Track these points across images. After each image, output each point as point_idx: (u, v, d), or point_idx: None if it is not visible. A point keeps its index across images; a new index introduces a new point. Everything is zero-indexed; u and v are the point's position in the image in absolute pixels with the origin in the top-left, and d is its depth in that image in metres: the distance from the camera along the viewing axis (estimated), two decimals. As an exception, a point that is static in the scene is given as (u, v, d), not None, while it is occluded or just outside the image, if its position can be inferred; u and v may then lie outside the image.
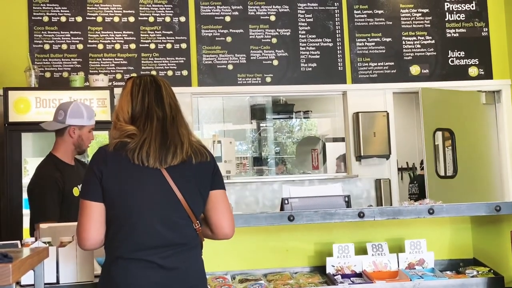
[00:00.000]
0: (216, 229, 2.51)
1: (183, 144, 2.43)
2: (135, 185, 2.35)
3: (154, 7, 6.13)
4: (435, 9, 6.56)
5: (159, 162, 2.37)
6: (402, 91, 6.55)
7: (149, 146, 2.37)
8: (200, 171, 2.46)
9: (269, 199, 6.18)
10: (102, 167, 2.33)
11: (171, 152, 2.40)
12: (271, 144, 8.72)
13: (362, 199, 6.22)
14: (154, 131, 2.41)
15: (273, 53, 6.29)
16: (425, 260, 3.20)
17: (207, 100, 6.88)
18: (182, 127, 2.50)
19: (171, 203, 2.38)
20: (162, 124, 2.44)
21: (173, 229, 2.38)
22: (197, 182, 2.45)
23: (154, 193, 2.37)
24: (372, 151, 6.24)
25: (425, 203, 3.39)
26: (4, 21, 5.81)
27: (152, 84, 2.53)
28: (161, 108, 2.48)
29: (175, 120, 2.49)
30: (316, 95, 6.99)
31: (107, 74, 5.84)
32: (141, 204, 2.35)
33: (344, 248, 3.16)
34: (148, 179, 2.37)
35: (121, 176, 2.35)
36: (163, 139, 2.41)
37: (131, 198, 2.34)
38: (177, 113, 2.53)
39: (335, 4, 6.43)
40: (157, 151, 2.38)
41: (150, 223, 2.34)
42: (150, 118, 2.45)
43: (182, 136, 2.46)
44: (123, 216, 2.34)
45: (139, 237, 2.33)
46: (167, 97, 2.53)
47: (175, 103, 2.55)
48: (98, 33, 6.01)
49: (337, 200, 3.36)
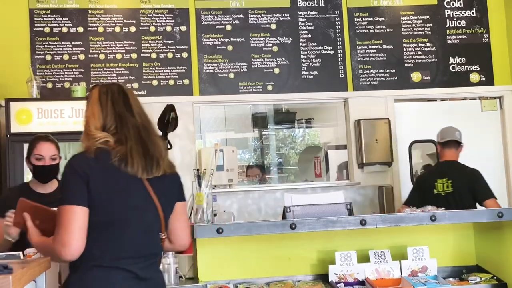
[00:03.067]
0: (176, 239, 2.53)
1: (163, 156, 2.47)
2: (120, 193, 2.34)
3: (155, 17, 6.15)
4: (436, 16, 6.57)
5: (146, 173, 2.38)
6: (403, 98, 6.55)
7: (136, 155, 2.38)
8: (172, 183, 2.51)
9: (271, 207, 6.17)
10: (88, 171, 2.30)
11: (155, 163, 2.42)
12: (274, 152, 8.71)
13: (364, 207, 6.20)
14: (134, 140, 2.41)
15: (274, 61, 6.30)
16: (428, 267, 3.19)
17: (209, 109, 6.88)
18: (157, 137, 2.52)
19: (151, 213, 2.40)
20: (137, 133, 2.44)
21: (152, 239, 2.41)
22: (170, 194, 2.49)
23: (138, 202, 2.37)
24: (374, 158, 6.23)
25: (427, 210, 3.39)
26: (6, 32, 5.83)
27: (120, 93, 2.51)
28: (133, 116, 2.48)
29: (148, 129, 2.49)
30: (318, 102, 6.99)
31: (108, 84, 5.83)
32: (125, 212, 2.34)
33: (346, 256, 3.15)
34: (132, 188, 2.37)
35: (107, 182, 2.33)
36: (144, 149, 2.41)
37: (116, 205, 2.33)
38: (148, 122, 2.52)
39: (336, 12, 6.44)
40: (143, 161, 2.38)
41: (133, 232, 2.34)
42: (126, 126, 2.43)
43: (159, 147, 2.48)
44: (106, 223, 2.31)
45: (122, 246, 2.31)
46: (136, 106, 2.51)
47: (144, 112, 2.54)
48: (99, 43, 6.03)
49: (339, 207, 3.36)
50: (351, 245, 3.24)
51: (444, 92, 6.57)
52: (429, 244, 3.24)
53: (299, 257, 3.26)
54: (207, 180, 3.31)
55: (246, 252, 3.21)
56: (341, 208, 3.36)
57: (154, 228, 2.42)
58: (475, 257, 3.39)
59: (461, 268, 3.33)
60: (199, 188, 3.31)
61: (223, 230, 2.96)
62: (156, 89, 6.06)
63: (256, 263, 3.22)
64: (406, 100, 6.59)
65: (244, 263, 3.21)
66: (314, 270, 3.25)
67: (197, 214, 3.29)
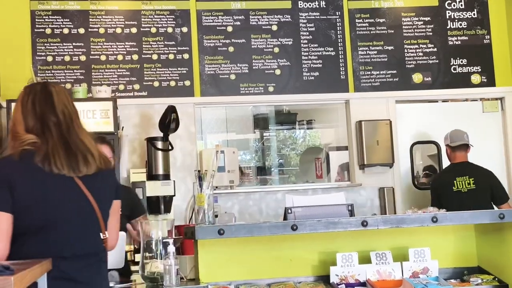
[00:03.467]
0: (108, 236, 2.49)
1: (92, 153, 2.41)
2: (49, 194, 2.31)
3: (156, 18, 6.15)
4: (437, 17, 6.57)
5: (72, 171, 2.34)
6: (404, 99, 6.55)
7: (58, 154, 2.34)
8: (108, 180, 2.48)
9: (272, 208, 6.16)
10: (10, 176, 2.26)
11: (81, 160, 2.37)
12: (275, 153, 8.71)
13: (365, 208, 6.20)
14: (55, 138, 2.38)
15: (275, 62, 6.30)
16: (429, 269, 3.19)
17: (210, 110, 6.88)
18: (83, 134, 2.46)
19: (86, 212, 2.36)
20: (58, 131, 2.40)
21: (89, 238, 2.37)
22: (107, 191, 2.46)
23: (69, 202, 2.34)
24: (376, 159, 6.23)
25: (429, 211, 3.39)
26: (8, 33, 5.83)
27: (42, 92, 2.47)
28: (54, 115, 2.43)
29: (70, 127, 2.44)
30: (319, 104, 6.98)
31: (110, 85, 5.84)
32: (56, 213, 2.31)
33: (347, 257, 3.15)
34: (62, 188, 2.33)
35: (33, 185, 2.29)
36: (66, 146, 2.37)
37: (45, 206, 2.29)
38: (72, 120, 2.47)
39: (337, 13, 6.44)
40: (67, 159, 2.34)
41: (65, 232, 2.31)
42: (46, 125, 2.40)
43: (87, 144, 2.43)
44: (35, 226, 2.28)
45: (55, 248, 2.28)
46: (60, 103, 2.46)
47: (70, 109, 2.48)
48: (100, 44, 6.03)
49: (340, 209, 3.36)
50: (352, 246, 3.24)
51: (446, 94, 6.57)
52: (431, 245, 3.24)
53: (300, 258, 3.26)
54: (208, 181, 3.30)
55: (247, 253, 3.21)
56: (342, 209, 3.36)
57: (90, 227, 2.38)
58: (476, 258, 3.39)
59: (463, 269, 3.33)
60: (200, 189, 3.30)
61: (224, 231, 2.96)
62: (157, 90, 6.07)
63: (257, 264, 3.22)
64: (408, 102, 6.59)
65: (245, 264, 3.21)
66: (315, 271, 3.25)
67: (198, 215, 3.29)
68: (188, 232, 3.15)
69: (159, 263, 3.05)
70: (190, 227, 3.19)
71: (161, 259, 3.08)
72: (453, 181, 5.45)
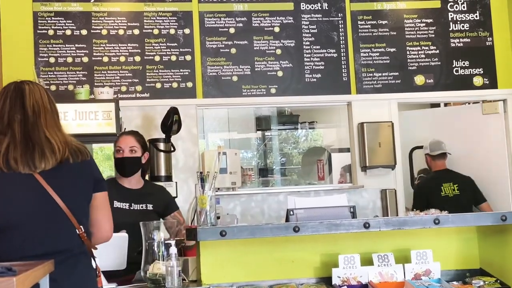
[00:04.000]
0: (97, 231, 2.50)
1: (52, 146, 2.37)
2: (5, 193, 2.30)
3: (158, 20, 6.16)
4: (439, 19, 6.57)
5: (28, 167, 2.32)
6: (407, 101, 6.55)
7: (14, 151, 2.32)
8: (81, 171, 2.43)
9: (274, 210, 6.17)
10: None
11: (38, 155, 2.34)
12: (277, 154, 8.72)
13: (368, 210, 6.20)
14: (16, 135, 2.37)
15: (278, 64, 6.30)
16: (431, 271, 3.19)
17: (212, 110, 6.89)
18: (50, 128, 2.43)
19: (48, 209, 2.33)
20: (22, 127, 2.39)
21: (56, 235, 2.33)
22: (78, 183, 2.42)
23: (28, 200, 2.32)
24: (378, 161, 6.23)
25: (431, 213, 3.39)
26: (10, 34, 5.84)
27: (15, 90, 2.49)
28: (22, 111, 2.43)
29: (37, 121, 2.42)
30: (321, 105, 6.99)
31: (112, 86, 5.85)
32: (14, 212, 2.30)
33: (350, 259, 3.15)
34: (20, 186, 2.32)
35: None
36: (25, 142, 2.36)
37: (3, 207, 2.29)
38: (41, 114, 2.45)
39: (339, 15, 6.44)
40: (23, 155, 2.32)
41: (28, 231, 2.29)
42: (10, 122, 2.40)
43: (50, 138, 2.39)
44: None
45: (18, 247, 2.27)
46: (30, 99, 2.46)
47: (40, 105, 2.47)
48: (103, 46, 6.04)
49: (342, 210, 3.36)
50: (354, 248, 3.24)
51: (448, 96, 6.57)
52: (433, 247, 3.23)
53: (302, 260, 3.26)
54: (210, 183, 3.30)
55: (249, 255, 3.21)
56: (345, 211, 3.36)
57: (56, 224, 2.35)
58: (478, 260, 3.39)
59: (465, 271, 3.33)
60: (202, 190, 3.30)
61: (226, 233, 2.96)
62: (159, 92, 6.07)
63: (259, 265, 3.22)
64: (410, 104, 6.60)
65: (247, 265, 3.21)
66: (317, 273, 3.25)
67: (200, 216, 3.28)
68: (190, 234, 3.16)
69: (161, 264, 3.06)
70: (192, 228, 3.19)
71: (163, 260, 3.08)
72: (440, 187, 6.13)
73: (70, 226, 2.37)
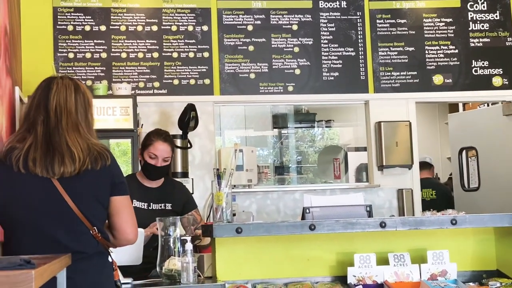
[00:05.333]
0: (119, 234, 2.47)
1: (72, 154, 2.34)
2: (18, 194, 2.31)
3: (177, 16, 6.17)
4: (459, 18, 6.52)
5: (46, 171, 2.31)
6: (425, 100, 6.52)
7: (34, 153, 2.31)
8: (97, 178, 2.40)
9: (290, 208, 6.16)
10: None
11: (57, 161, 2.32)
12: (293, 152, 8.71)
13: (384, 209, 6.18)
14: (38, 136, 2.35)
15: (295, 62, 6.29)
16: (447, 271, 3.17)
17: (229, 107, 6.90)
18: (71, 133, 2.39)
19: (62, 211, 2.32)
20: (44, 129, 2.37)
21: (67, 236, 2.34)
22: (94, 189, 2.39)
23: (41, 202, 2.31)
24: (395, 160, 6.20)
25: (448, 213, 3.37)
26: (30, 29, 5.87)
27: (44, 88, 2.45)
28: (44, 113, 2.40)
29: (58, 125, 2.39)
30: (338, 104, 6.98)
31: (130, 82, 5.88)
32: (26, 213, 2.30)
33: (365, 258, 3.14)
34: (34, 188, 2.31)
35: (6, 184, 2.31)
36: (46, 147, 2.34)
37: (14, 207, 2.30)
38: (63, 117, 2.40)
39: (358, 13, 6.42)
40: (42, 158, 2.31)
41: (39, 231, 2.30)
42: (34, 123, 2.38)
43: (71, 145, 2.36)
44: (9, 225, 2.31)
45: (30, 246, 2.28)
46: (54, 101, 2.41)
47: (63, 107, 2.42)
48: (121, 42, 6.06)
49: (358, 209, 3.35)
50: (370, 247, 3.23)
51: (466, 96, 6.52)
52: (449, 248, 3.22)
53: (317, 258, 3.25)
54: (227, 180, 3.31)
55: (264, 253, 3.22)
56: (361, 210, 3.34)
57: (71, 226, 2.34)
58: (495, 261, 3.36)
59: (481, 272, 3.31)
60: (218, 187, 3.30)
61: (242, 230, 2.97)
62: (177, 88, 6.09)
63: (275, 263, 3.22)
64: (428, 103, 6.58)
65: (263, 263, 3.21)
66: (332, 271, 3.24)
67: (216, 213, 3.29)
68: (206, 230, 3.16)
69: (177, 260, 3.06)
70: (208, 225, 3.20)
71: (179, 256, 3.09)
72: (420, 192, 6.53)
73: (84, 228, 2.37)
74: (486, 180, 6.78)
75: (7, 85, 4.81)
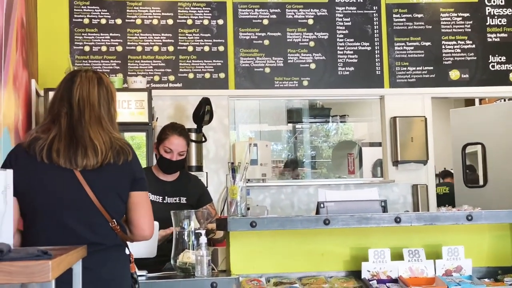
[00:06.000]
0: (135, 229, 2.48)
1: (95, 147, 2.37)
2: (41, 184, 2.33)
3: (192, 10, 6.18)
4: (476, 13, 6.47)
5: (69, 163, 2.33)
6: (441, 96, 6.49)
7: (58, 144, 2.34)
8: (118, 172, 2.42)
9: (304, 203, 6.16)
10: (13, 162, 2.33)
11: (81, 153, 2.35)
12: (307, 147, 8.70)
13: (398, 205, 6.16)
14: (62, 128, 2.38)
15: (311, 56, 6.28)
16: (462, 267, 3.16)
17: (243, 101, 6.90)
18: (93, 126, 2.42)
19: (82, 203, 2.34)
20: (68, 121, 2.40)
21: (86, 227, 2.35)
22: (114, 183, 2.41)
23: (62, 193, 2.34)
24: (409, 156, 6.18)
25: (463, 209, 3.35)
26: (46, 22, 5.90)
27: (68, 80, 2.48)
28: (68, 103, 2.43)
29: (81, 118, 2.41)
30: (353, 99, 6.96)
31: (145, 76, 5.90)
32: (46, 203, 2.32)
33: (380, 253, 3.13)
34: (56, 179, 2.34)
35: (28, 173, 2.32)
36: (70, 139, 2.36)
37: (36, 197, 2.32)
38: (85, 111, 2.43)
39: (374, 7, 6.39)
40: (66, 150, 2.34)
41: (59, 221, 2.32)
42: (58, 114, 2.41)
43: (94, 138, 2.38)
44: (30, 214, 2.33)
45: (50, 235, 2.30)
46: (77, 94, 2.44)
47: (86, 101, 2.45)
48: (137, 35, 6.08)
49: (373, 204, 3.33)
50: (384, 242, 3.22)
51: (483, 91, 6.49)
52: (465, 243, 3.20)
53: (332, 253, 3.25)
54: (241, 174, 3.31)
55: (278, 247, 3.22)
56: (375, 205, 3.33)
57: (91, 218, 2.36)
58: (511, 258, 3.34)
59: (497, 268, 3.29)
60: (233, 181, 3.30)
61: (256, 224, 2.97)
62: (192, 82, 6.10)
63: (289, 257, 3.22)
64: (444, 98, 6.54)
65: (277, 257, 3.21)
66: (346, 266, 3.24)
67: (231, 207, 3.29)
68: (221, 224, 3.17)
69: (191, 253, 3.07)
70: (223, 219, 3.20)
71: (193, 249, 3.10)
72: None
73: (103, 221, 2.39)
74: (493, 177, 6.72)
75: (24, 78, 4.84)
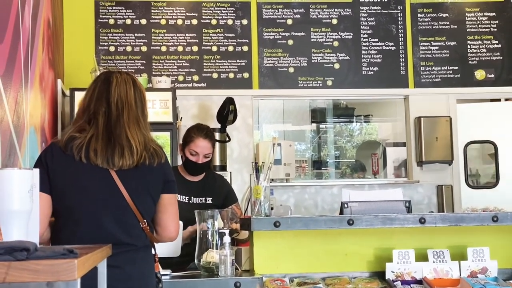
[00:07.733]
0: (163, 231, 2.52)
1: (132, 147, 2.39)
2: (78, 182, 2.35)
3: (216, 10, 6.20)
4: (502, 13, 6.41)
5: (106, 163, 2.36)
6: (466, 97, 6.43)
7: (96, 144, 2.36)
8: (152, 174, 2.44)
9: (328, 203, 6.15)
10: (48, 160, 2.35)
11: (118, 153, 2.37)
12: (331, 147, 8.68)
13: (423, 205, 6.12)
14: (99, 128, 2.40)
15: (335, 56, 6.26)
16: (488, 269, 3.13)
17: (267, 101, 6.90)
18: (131, 126, 2.44)
19: (117, 203, 2.37)
20: (106, 121, 2.42)
21: (120, 227, 2.38)
22: (148, 184, 2.43)
23: (98, 192, 2.36)
24: (434, 156, 6.14)
25: (489, 210, 3.32)
26: (72, 23, 5.96)
27: (104, 81, 2.50)
28: (106, 104, 2.45)
29: (120, 118, 2.44)
30: (378, 99, 6.93)
31: (169, 75, 5.93)
32: (82, 202, 2.35)
33: (404, 254, 3.11)
34: (93, 178, 2.36)
35: (65, 172, 2.35)
36: (108, 138, 2.39)
37: (72, 195, 2.34)
38: (124, 111, 2.45)
39: (399, 7, 6.36)
40: (103, 150, 2.36)
41: (94, 220, 2.34)
42: (96, 114, 2.43)
43: (131, 138, 2.41)
44: (65, 212, 2.35)
45: (83, 234, 2.32)
46: (115, 94, 2.47)
47: (124, 101, 2.47)
48: (161, 35, 6.11)
49: (397, 205, 3.32)
50: (409, 243, 3.20)
51: (509, 91, 6.42)
52: (490, 245, 3.17)
53: (355, 253, 3.23)
54: (265, 174, 3.31)
55: (302, 247, 3.21)
56: (400, 206, 3.31)
57: (124, 218, 2.39)
58: (537, 260, 3.31)
59: (523, 270, 3.26)
60: (257, 181, 3.31)
61: (280, 224, 2.97)
62: (216, 82, 6.11)
63: (312, 258, 3.21)
64: (469, 101, 6.46)
65: (300, 257, 3.20)
66: (370, 267, 3.22)
67: (255, 207, 3.29)
68: (244, 224, 3.17)
69: (215, 253, 3.08)
70: (246, 218, 3.21)
71: (217, 249, 3.11)
72: None
73: (135, 221, 2.42)
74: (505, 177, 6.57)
75: (50, 78, 4.89)
